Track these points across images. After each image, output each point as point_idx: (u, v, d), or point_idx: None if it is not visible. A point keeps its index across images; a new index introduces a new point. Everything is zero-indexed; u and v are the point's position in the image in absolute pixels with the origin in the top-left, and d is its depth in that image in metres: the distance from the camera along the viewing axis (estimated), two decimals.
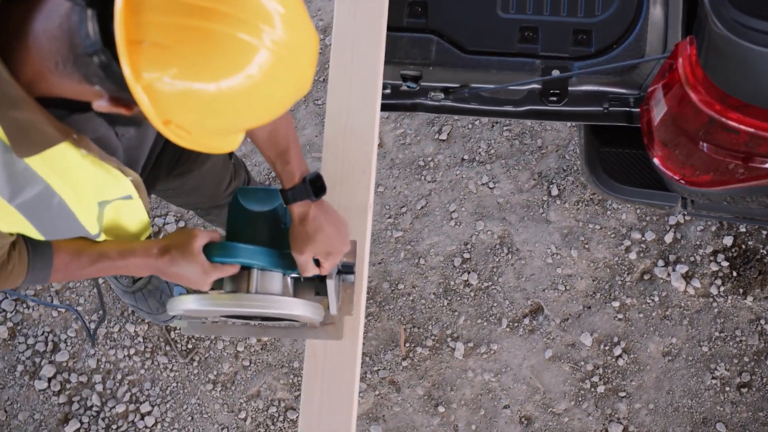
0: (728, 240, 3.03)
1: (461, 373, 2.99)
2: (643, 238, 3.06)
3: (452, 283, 3.07)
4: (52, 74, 1.33)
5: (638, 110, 2.31)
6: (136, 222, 1.86)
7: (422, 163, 3.19)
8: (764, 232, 3.03)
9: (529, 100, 2.37)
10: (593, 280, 3.04)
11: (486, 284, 3.06)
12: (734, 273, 3.00)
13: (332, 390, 2.07)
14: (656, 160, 2.23)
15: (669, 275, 3.01)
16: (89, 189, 1.60)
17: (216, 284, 1.87)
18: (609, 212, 3.09)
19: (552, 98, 2.33)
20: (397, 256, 3.11)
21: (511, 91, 2.37)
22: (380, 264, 3.10)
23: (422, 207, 3.15)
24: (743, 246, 3.03)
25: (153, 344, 3.09)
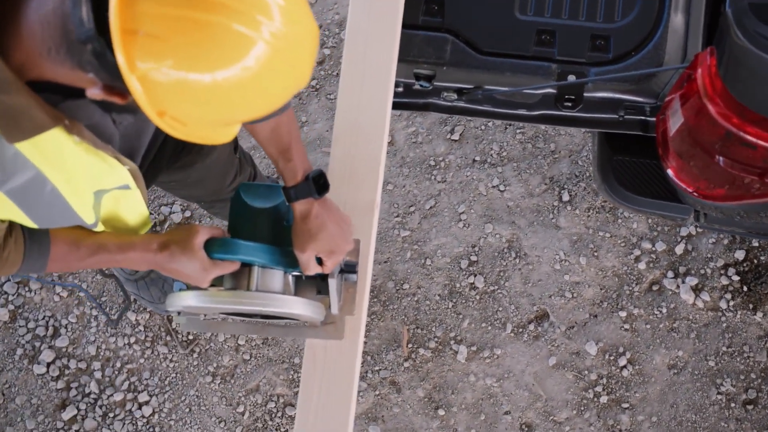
0: (740, 254, 2.99)
1: (463, 377, 2.95)
2: (654, 249, 3.01)
3: (458, 286, 3.03)
4: (45, 60, 1.30)
5: (654, 119, 2.27)
6: (135, 215, 1.83)
7: (433, 163, 3.16)
8: None
9: (544, 105, 2.33)
10: (601, 289, 3.00)
11: (492, 288, 3.02)
12: (745, 288, 2.96)
13: (331, 390, 2.04)
14: (670, 172, 2.19)
15: (678, 287, 2.97)
16: (83, 177, 1.57)
17: (216, 280, 1.85)
18: (620, 220, 3.05)
19: (567, 104, 2.29)
20: (404, 256, 3.08)
21: (526, 95, 2.33)
22: (386, 263, 3.07)
23: (431, 207, 3.12)
24: (755, 261, 2.99)
25: (154, 333, 3.07)
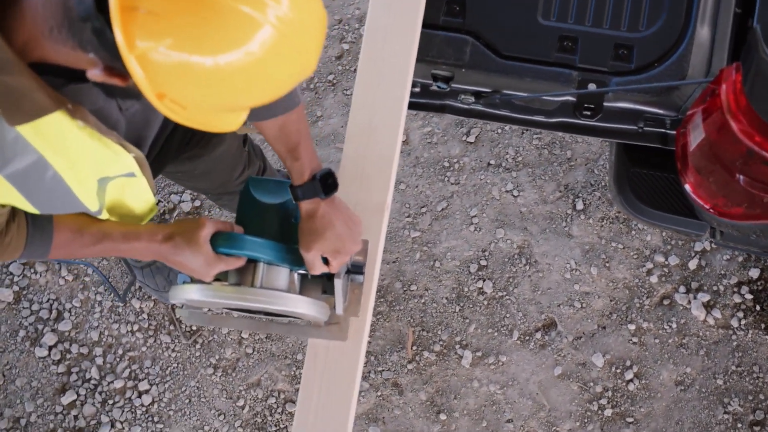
0: (754, 272, 2.94)
1: (467, 382, 2.92)
2: (667, 262, 2.97)
3: (466, 290, 3.00)
4: (47, 39, 1.27)
5: (674, 133, 2.23)
6: (141, 202, 1.80)
7: (447, 164, 3.12)
8: None
9: (562, 112, 2.29)
10: (611, 300, 2.96)
11: (500, 294, 2.98)
12: (758, 307, 2.91)
13: (331, 391, 2.01)
14: (688, 187, 2.14)
15: (689, 303, 2.93)
16: (87, 163, 1.53)
17: (221, 275, 1.82)
18: (633, 232, 3.00)
19: (586, 112, 2.25)
20: (413, 257, 3.04)
21: (544, 101, 2.29)
22: (395, 263, 3.04)
23: (443, 209, 3.08)
24: None
25: (157, 322, 3.04)
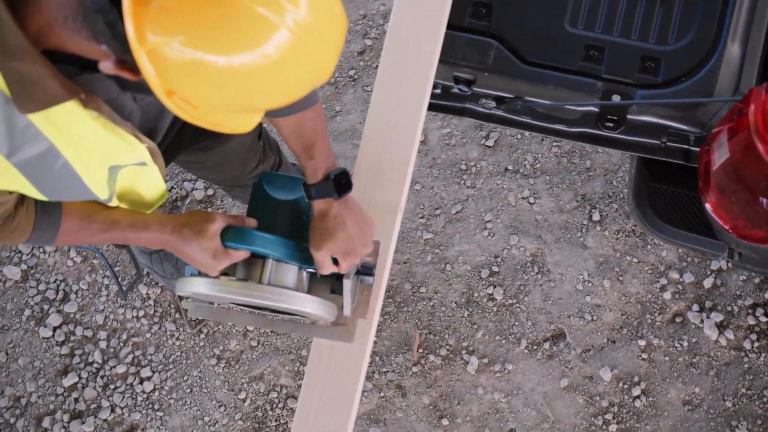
0: None
1: (471, 389, 2.88)
2: (681, 279, 2.92)
3: (476, 295, 2.96)
4: (61, 28, 1.26)
5: (698, 150, 2.18)
6: (152, 189, 1.78)
7: (464, 167, 3.08)
8: None
9: (584, 122, 2.25)
10: (622, 314, 2.91)
11: (510, 301, 2.95)
12: None
13: (333, 393, 1.99)
14: (708, 206, 2.10)
15: (702, 321, 2.88)
16: (98, 153, 1.51)
17: (228, 268, 1.79)
18: (649, 247, 2.96)
19: (608, 124, 2.20)
20: (424, 259, 3.01)
21: (567, 110, 2.24)
22: (405, 263, 3.00)
23: (457, 212, 3.04)
24: None
25: (163, 309, 3.02)
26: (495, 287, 2.96)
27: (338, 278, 1.88)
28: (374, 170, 2.08)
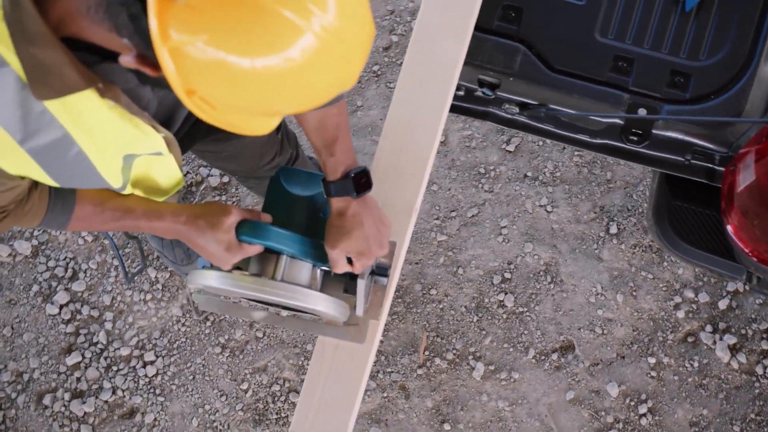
0: None
1: (475, 395, 2.85)
2: (696, 299, 2.87)
3: (486, 301, 2.92)
4: (83, 17, 1.23)
5: (722, 170, 2.13)
6: (168, 177, 1.76)
7: (483, 171, 3.04)
8: None
9: (608, 134, 2.21)
10: (633, 330, 2.87)
11: (521, 309, 2.91)
12: None
13: (335, 392, 1.96)
14: (730, 228, 2.05)
15: (715, 343, 2.83)
16: (114, 142, 1.49)
17: (241, 263, 1.76)
18: (666, 263, 2.91)
19: (632, 137, 2.16)
20: (436, 261, 2.97)
21: (590, 121, 2.20)
22: (417, 264, 2.97)
23: (473, 215, 3.00)
24: None
25: (171, 294, 3.01)
26: (506, 294, 2.92)
27: (352, 278, 1.85)
28: (392, 168, 2.04)
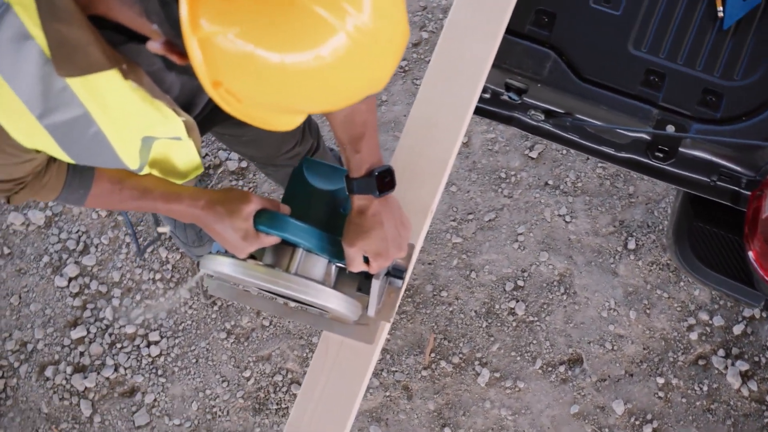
0: None
1: (479, 401, 2.82)
2: (710, 322, 2.82)
3: (497, 307, 2.88)
4: None
5: (748, 194, 2.09)
6: (186, 161, 1.73)
7: (504, 175, 3.00)
8: None
9: (633, 149, 2.16)
10: (644, 348, 2.82)
11: (531, 318, 2.87)
12: None
13: (335, 389, 1.93)
14: (751, 254, 2.01)
15: (726, 368, 2.78)
16: (133, 124, 1.47)
17: (256, 252, 1.74)
18: (682, 283, 2.86)
19: (658, 154, 2.11)
20: (449, 262, 2.94)
21: (616, 134, 2.16)
22: (430, 265, 2.94)
23: (490, 220, 2.97)
24: None
25: (180, 276, 2.99)
26: (518, 302, 2.88)
27: (367, 277, 1.81)
28: (410, 167, 2.01)
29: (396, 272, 1.85)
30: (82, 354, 2.93)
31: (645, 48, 2.14)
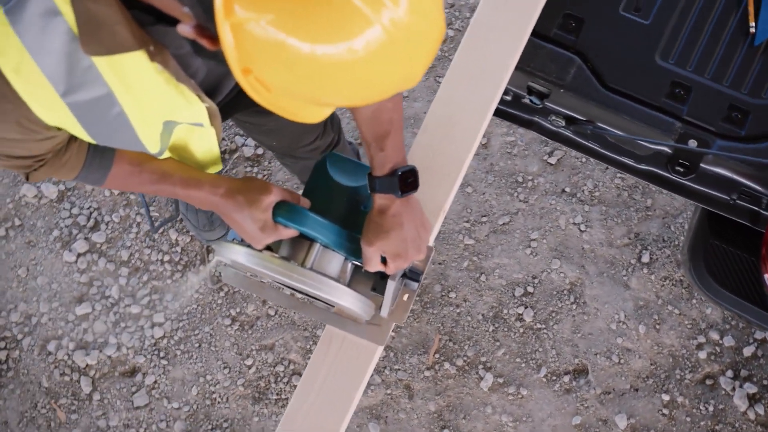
0: None
1: (480, 405, 2.79)
2: (721, 341, 2.78)
3: (505, 312, 2.85)
4: None
5: None
6: (205, 151, 1.72)
7: (521, 179, 2.97)
8: None
9: (653, 161, 2.13)
10: (651, 364, 2.78)
11: (539, 326, 2.84)
12: None
13: (335, 385, 1.91)
14: (767, 276, 1.97)
15: (734, 389, 2.74)
16: (156, 107, 1.45)
17: (273, 244, 1.72)
18: (694, 301, 2.82)
19: (679, 168, 2.08)
20: (460, 264, 2.91)
21: (637, 145, 2.12)
22: (440, 265, 2.91)
23: (504, 223, 2.93)
24: None
25: (189, 259, 2.97)
26: (526, 308, 2.85)
27: (382, 277, 1.79)
28: (426, 165, 1.97)
29: (412, 274, 1.82)
30: (86, 331, 2.92)
31: (672, 59, 2.10)
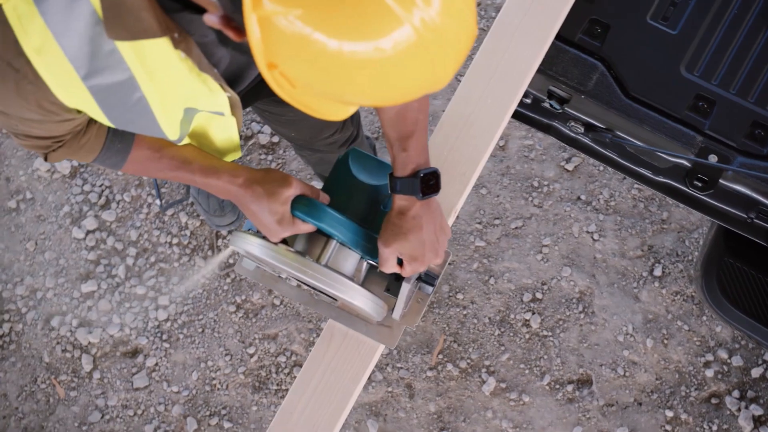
0: None
1: (481, 409, 2.76)
2: (729, 361, 2.74)
3: (512, 317, 2.82)
4: None
5: None
6: (225, 139, 1.69)
7: (536, 184, 2.93)
8: None
9: (672, 174, 2.09)
10: (657, 379, 2.75)
11: (545, 333, 2.80)
12: None
13: (333, 381, 1.88)
14: None
15: (739, 410, 2.70)
16: (178, 94, 1.43)
17: (289, 237, 1.69)
18: (704, 318, 2.78)
19: (697, 183, 2.04)
20: (469, 265, 2.88)
21: (656, 157, 2.09)
22: (450, 265, 2.88)
23: (516, 227, 2.90)
24: None
25: (197, 243, 2.96)
26: (533, 314, 2.82)
27: (397, 278, 1.77)
28: (440, 164, 1.94)
29: (428, 278, 1.80)
30: (90, 308, 2.91)
31: (698, 72, 2.06)
